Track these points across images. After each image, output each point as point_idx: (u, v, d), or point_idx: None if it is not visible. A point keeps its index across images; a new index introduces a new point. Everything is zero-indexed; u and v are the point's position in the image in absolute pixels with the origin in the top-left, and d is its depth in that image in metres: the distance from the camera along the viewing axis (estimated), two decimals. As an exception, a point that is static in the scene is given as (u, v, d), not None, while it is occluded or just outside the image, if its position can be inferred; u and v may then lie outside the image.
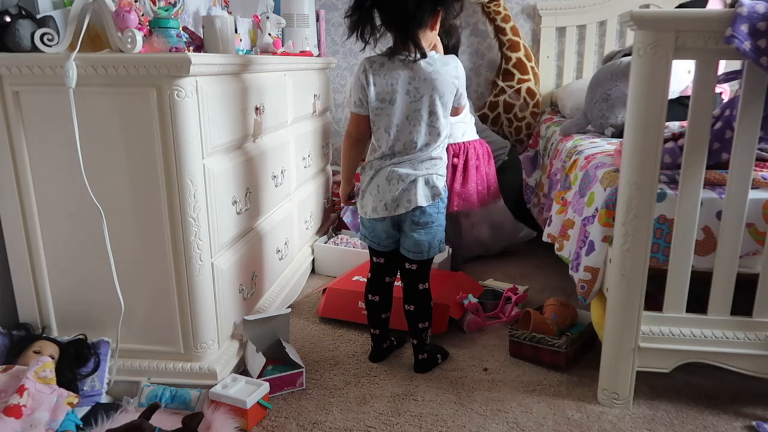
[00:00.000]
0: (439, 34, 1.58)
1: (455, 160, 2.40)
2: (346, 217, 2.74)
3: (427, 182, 1.57)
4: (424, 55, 1.50)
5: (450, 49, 2.41)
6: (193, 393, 1.47)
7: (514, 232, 2.63)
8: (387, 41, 1.55)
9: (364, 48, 1.53)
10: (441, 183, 1.60)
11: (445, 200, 1.63)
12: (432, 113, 1.53)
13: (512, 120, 3.23)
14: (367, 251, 1.76)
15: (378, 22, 1.50)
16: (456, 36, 2.47)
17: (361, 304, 1.93)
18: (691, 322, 1.46)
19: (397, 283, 1.75)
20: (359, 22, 1.49)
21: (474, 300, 1.95)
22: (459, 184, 2.41)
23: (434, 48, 1.58)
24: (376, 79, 1.52)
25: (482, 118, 3.26)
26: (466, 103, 1.65)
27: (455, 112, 1.64)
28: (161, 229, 1.45)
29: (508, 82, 3.21)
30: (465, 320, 1.94)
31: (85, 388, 1.46)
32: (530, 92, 3.20)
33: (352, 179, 1.75)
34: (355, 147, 1.66)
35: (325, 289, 2.09)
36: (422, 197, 1.56)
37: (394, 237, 1.66)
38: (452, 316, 1.90)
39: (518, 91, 3.20)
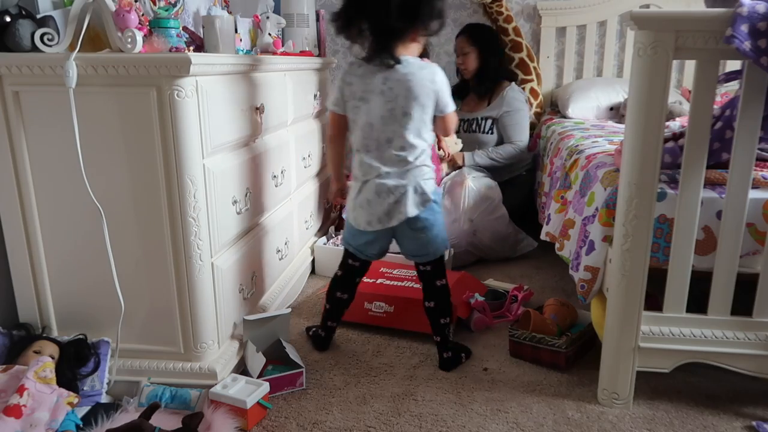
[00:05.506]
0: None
1: None
2: (346, 214, 2.74)
3: (416, 190, 1.59)
4: (398, 62, 1.54)
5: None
6: (193, 393, 1.47)
7: (515, 243, 2.64)
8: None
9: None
10: (430, 187, 1.62)
11: (439, 200, 1.66)
12: (406, 114, 1.55)
13: None
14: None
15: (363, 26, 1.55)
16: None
17: (367, 305, 1.94)
18: (691, 322, 1.46)
19: (416, 285, 1.80)
20: (344, 28, 1.55)
21: (480, 299, 1.95)
22: None
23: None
24: (353, 79, 1.59)
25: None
26: (451, 113, 1.64)
27: (443, 123, 1.65)
28: (161, 229, 1.45)
29: (511, 82, 3.21)
30: (472, 319, 1.94)
31: (85, 388, 1.46)
32: (533, 92, 3.19)
33: (340, 177, 1.81)
34: (331, 144, 1.75)
35: (328, 291, 2.08)
36: (413, 207, 1.59)
37: (382, 247, 1.71)
38: (460, 316, 1.91)
39: None
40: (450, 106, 1.63)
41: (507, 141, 2.84)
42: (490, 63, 2.91)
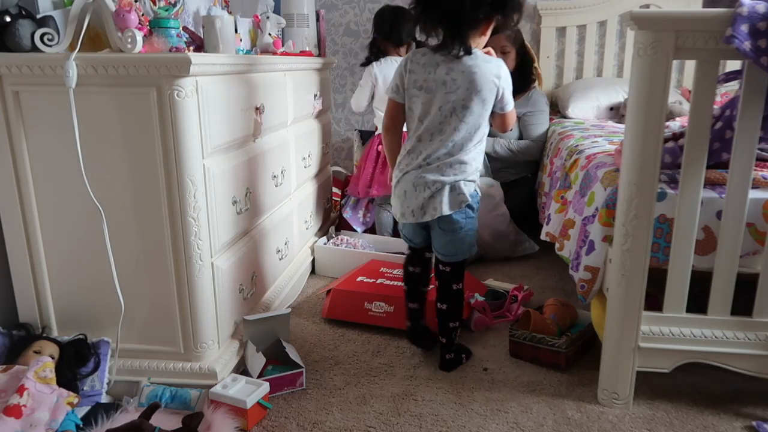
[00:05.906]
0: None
1: (380, 147, 2.52)
2: (346, 213, 2.74)
3: (453, 189, 1.57)
4: (468, 52, 1.51)
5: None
6: (193, 393, 1.47)
7: (515, 243, 2.64)
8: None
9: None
10: (469, 189, 1.59)
11: (476, 205, 1.62)
12: (465, 107, 1.53)
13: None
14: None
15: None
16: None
17: (368, 305, 1.94)
18: (691, 322, 1.46)
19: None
20: (420, 17, 1.52)
21: (480, 299, 1.95)
22: (380, 170, 2.60)
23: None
24: (415, 67, 1.56)
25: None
26: (511, 110, 1.62)
27: (501, 120, 1.62)
28: (161, 229, 1.45)
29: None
30: (472, 319, 1.94)
31: (85, 388, 1.46)
32: None
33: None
34: (388, 134, 1.71)
35: (329, 291, 2.08)
36: (447, 206, 1.57)
37: (423, 236, 1.70)
38: None
39: None
40: (511, 104, 1.60)
41: (527, 138, 2.86)
42: (526, 62, 2.92)
